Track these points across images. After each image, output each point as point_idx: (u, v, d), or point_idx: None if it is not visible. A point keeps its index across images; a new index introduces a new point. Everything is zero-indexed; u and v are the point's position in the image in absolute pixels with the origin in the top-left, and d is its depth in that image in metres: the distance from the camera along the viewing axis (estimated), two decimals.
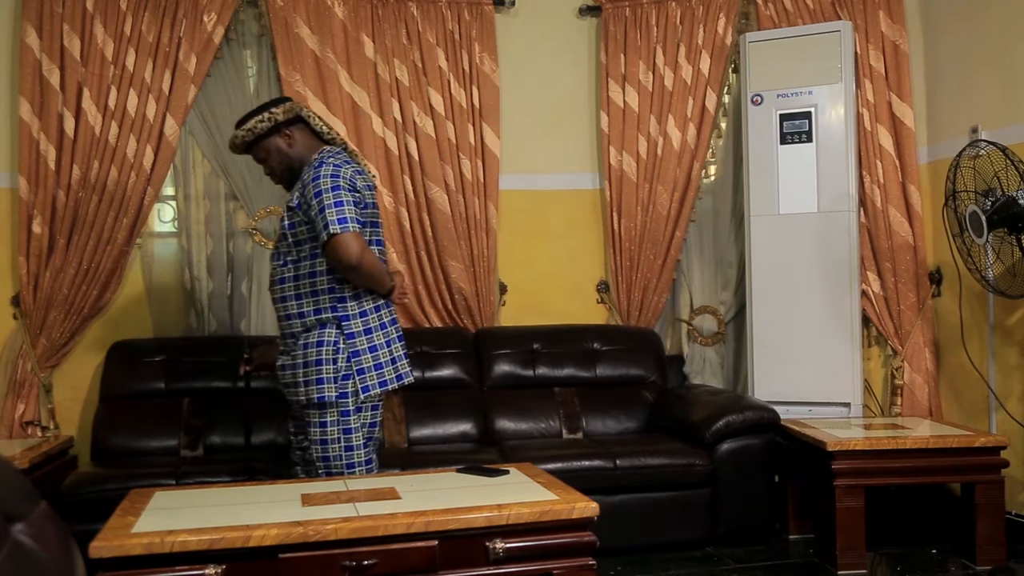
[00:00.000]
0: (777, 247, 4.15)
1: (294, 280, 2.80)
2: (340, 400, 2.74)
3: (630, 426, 4.03)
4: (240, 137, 2.87)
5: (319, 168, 2.72)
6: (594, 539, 2.36)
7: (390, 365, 2.84)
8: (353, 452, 2.78)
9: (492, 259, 4.29)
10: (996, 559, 3.35)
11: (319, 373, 2.74)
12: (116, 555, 2.06)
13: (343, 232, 2.62)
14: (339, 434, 2.76)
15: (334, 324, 2.77)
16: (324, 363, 2.74)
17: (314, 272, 2.77)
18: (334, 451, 2.77)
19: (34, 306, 3.82)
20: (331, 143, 2.90)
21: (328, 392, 2.73)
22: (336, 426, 2.76)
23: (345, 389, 2.75)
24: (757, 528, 3.67)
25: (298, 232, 2.77)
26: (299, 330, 2.80)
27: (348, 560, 2.18)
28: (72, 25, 3.83)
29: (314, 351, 2.76)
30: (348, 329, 2.76)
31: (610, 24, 4.41)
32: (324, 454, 2.78)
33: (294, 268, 2.80)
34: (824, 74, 4.10)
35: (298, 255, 2.80)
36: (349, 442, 2.77)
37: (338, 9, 4.14)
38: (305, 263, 2.79)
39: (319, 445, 2.78)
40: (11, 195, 3.90)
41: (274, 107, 2.86)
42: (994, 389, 3.85)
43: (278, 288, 2.85)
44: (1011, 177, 3.43)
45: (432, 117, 4.22)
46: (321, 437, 2.77)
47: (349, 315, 2.77)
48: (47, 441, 3.61)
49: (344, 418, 2.76)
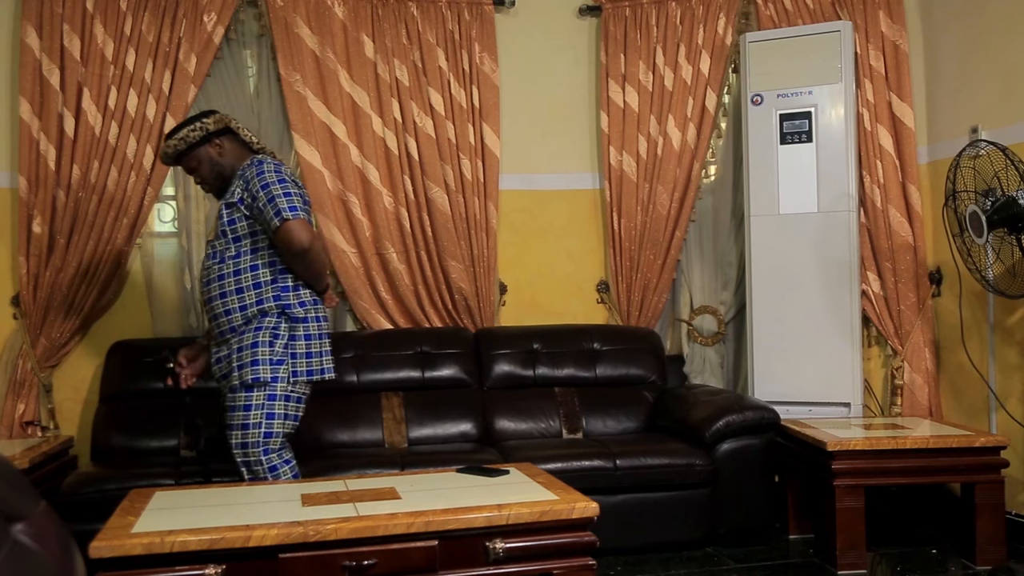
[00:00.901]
0: (777, 247, 4.15)
1: (234, 275, 2.89)
2: (271, 383, 2.82)
3: (630, 426, 4.03)
4: (172, 147, 2.98)
5: (261, 165, 2.88)
6: (594, 539, 2.37)
7: (319, 357, 2.94)
8: (271, 439, 2.84)
9: (492, 259, 4.29)
10: (996, 559, 3.35)
11: (255, 355, 2.83)
12: (116, 555, 2.06)
13: (295, 218, 2.77)
14: (262, 418, 2.82)
15: (275, 312, 2.87)
16: (260, 345, 2.84)
17: (255, 265, 2.89)
18: (254, 436, 2.82)
19: (34, 306, 3.82)
20: (260, 150, 3.04)
21: (263, 373, 2.82)
22: (260, 410, 2.83)
23: (278, 373, 2.84)
24: (757, 528, 3.67)
25: (238, 228, 2.89)
26: (239, 324, 2.88)
27: (348, 560, 2.18)
28: (72, 25, 3.83)
29: (251, 335, 2.84)
30: (292, 314, 2.87)
31: (610, 24, 4.41)
32: (243, 440, 2.83)
33: (233, 264, 2.89)
34: (824, 74, 4.10)
35: (237, 251, 2.90)
36: (270, 428, 2.84)
37: (338, 9, 4.15)
38: (245, 257, 2.89)
39: (239, 431, 2.84)
40: (11, 195, 3.90)
41: (204, 118, 2.99)
42: (994, 389, 3.85)
43: (216, 285, 2.92)
44: (1011, 177, 3.43)
45: (432, 117, 4.22)
46: (243, 422, 2.83)
47: (291, 303, 2.89)
48: (47, 441, 3.61)
49: (270, 402, 2.83)
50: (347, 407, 3.86)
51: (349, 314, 4.27)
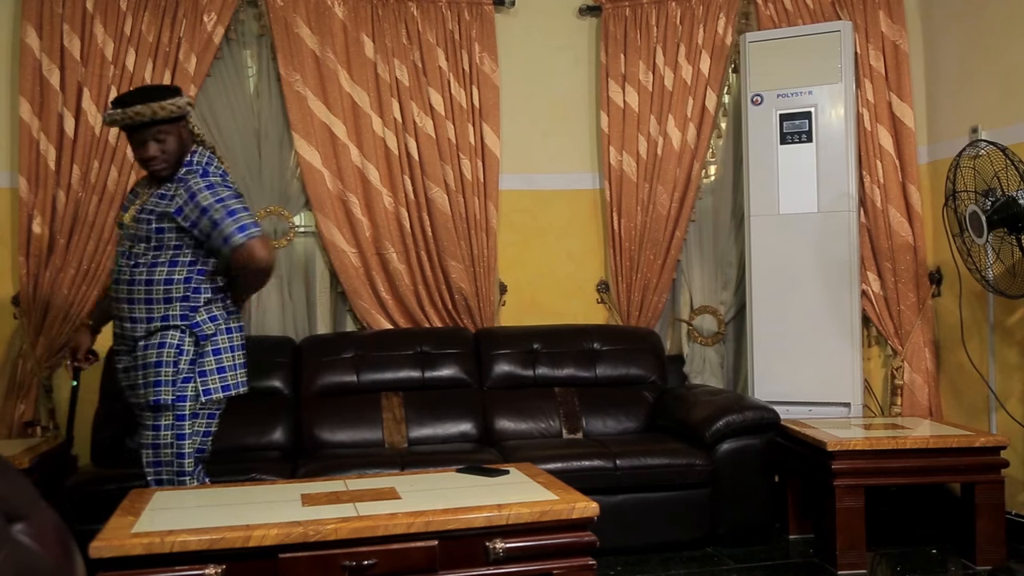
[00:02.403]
0: (777, 247, 4.15)
1: (146, 284, 2.75)
2: (177, 404, 2.73)
3: (630, 426, 4.03)
4: (165, 110, 2.73)
5: (207, 176, 2.75)
6: (594, 539, 2.36)
7: (232, 371, 2.83)
8: (184, 460, 2.75)
9: (492, 259, 4.29)
10: (996, 559, 3.35)
11: (157, 375, 2.72)
12: (116, 555, 2.06)
13: (258, 236, 2.70)
14: (172, 439, 2.74)
15: (179, 329, 2.75)
16: (164, 365, 2.72)
17: (170, 279, 2.75)
18: (165, 456, 2.74)
19: (34, 306, 3.81)
20: (202, 143, 2.89)
21: (164, 395, 2.72)
22: (170, 431, 2.74)
23: (184, 392, 2.74)
24: (757, 528, 3.67)
25: (164, 238, 2.75)
26: (140, 335, 2.77)
27: (348, 560, 2.18)
28: (72, 25, 3.83)
29: (154, 352, 2.73)
30: (199, 332, 2.76)
31: (610, 24, 4.41)
32: (155, 459, 2.75)
33: (147, 272, 2.75)
34: (824, 74, 4.10)
35: (154, 259, 2.76)
36: (181, 449, 2.74)
37: (338, 9, 4.15)
38: (161, 268, 2.75)
39: (150, 450, 2.76)
40: (11, 195, 3.90)
41: (180, 95, 2.80)
42: (994, 389, 3.85)
43: (126, 289, 2.78)
44: (1011, 177, 3.43)
45: (432, 117, 4.22)
46: (153, 441, 2.75)
47: (199, 320, 2.77)
48: (47, 441, 3.61)
49: (179, 423, 2.73)
50: (347, 407, 3.86)
51: (349, 314, 4.28)
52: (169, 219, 2.74)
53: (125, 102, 2.74)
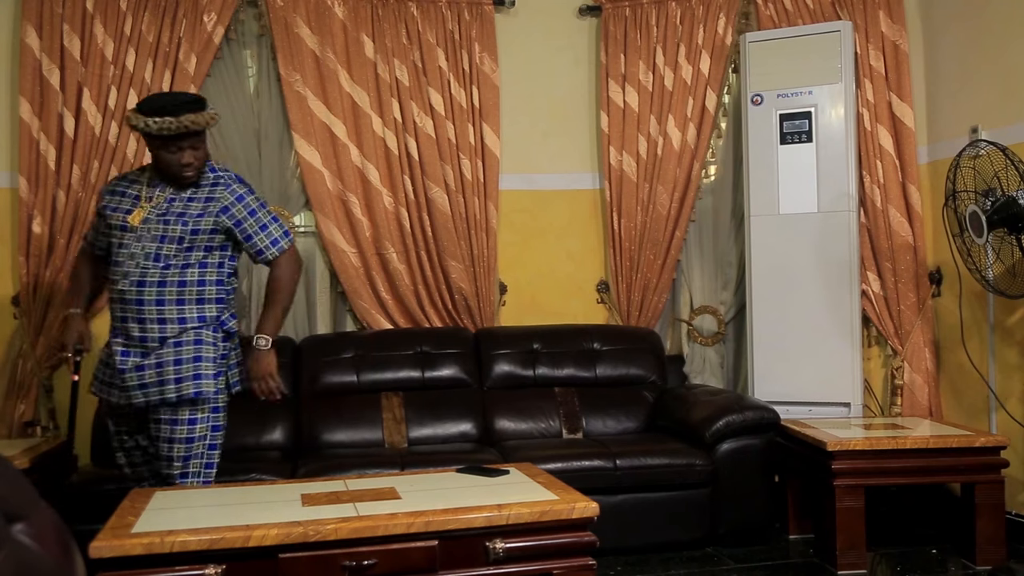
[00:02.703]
0: (777, 247, 4.15)
1: (179, 286, 2.82)
2: (215, 396, 2.84)
3: (630, 426, 4.03)
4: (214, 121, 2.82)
5: (240, 184, 2.91)
6: (594, 539, 2.36)
7: (238, 368, 2.97)
8: (215, 452, 2.86)
9: (492, 259, 4.29)
10: (996, 559, 3.35)
11: (198, 369, 2.80)
12: (116, 555, 2.06)
13: (293, 243, 2.92)
14: (207, 431, 2.83)
15: (212, 326, 2.86)
16: (204, 360, 2.82)
17: (203, 280, 2.87)
18: (197, 449, 2.82)
19: (34, 306, 3.81)
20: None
21: (207, 387, 2.80)
22: (206, 423, 2.83)
23: (221, 386, 2.86)
24: (757, 528, 3.67)
25: (198, 239, 2.84)
26: (172, 335, 2.81)
27: (348, 560, 2.18)
28: (72, 25, 3.83)
29: (193, 348, 2.82)
30: (228, 329, 2.91)
31: (610, 24, 4.41)
32: (187, 453, 2.81)
33: (180, 274, 2.82)
34: (824, 74, 4.10)
35: (186, 260, 2.83)
36: (215, 440, 2.86)
37: (338, 9, 4.15)
38: (193, 269, 2.85)
39: (183, 444, 2.80)
40: (11, 195, 3.90)
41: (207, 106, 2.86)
42: (994, 389, 3.85)
43: (155, 291, 2.79)
44: (1011, 177, 3.43)
45: (432, 117, 4.22)
46: (188, 435, 2.81)
47: (225, 319, 2.91)
48: (47, 441, 3.61)
49: (215, 414, 2.85)
50: (347, 407, 3.86)
51: (349, 314, 4.28)
52: (208, 220, 2.83)
53: (166, 110, 2.73)
